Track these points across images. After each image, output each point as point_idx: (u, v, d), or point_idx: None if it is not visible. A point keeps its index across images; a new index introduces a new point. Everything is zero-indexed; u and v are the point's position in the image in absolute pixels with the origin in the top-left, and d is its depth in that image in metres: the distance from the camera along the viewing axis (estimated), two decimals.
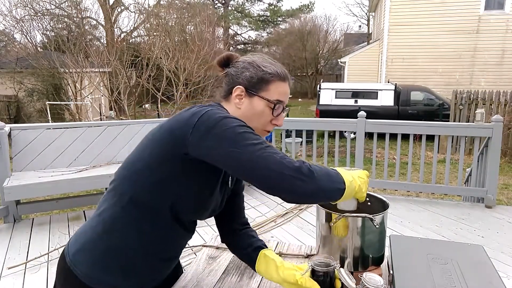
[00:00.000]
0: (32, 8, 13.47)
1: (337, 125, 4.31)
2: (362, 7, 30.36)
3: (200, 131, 0.85)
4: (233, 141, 0.84)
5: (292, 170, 0.82)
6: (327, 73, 25.46)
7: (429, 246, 1.12)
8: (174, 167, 0.90)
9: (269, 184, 0.83)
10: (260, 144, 0.84)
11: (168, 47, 9.91)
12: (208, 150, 0.85)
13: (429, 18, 12.41)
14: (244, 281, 1.18)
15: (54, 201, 3.70)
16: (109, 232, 0.96)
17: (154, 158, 0.91)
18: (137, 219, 0.95)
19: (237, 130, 0.85)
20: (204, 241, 2.98)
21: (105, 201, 1.00)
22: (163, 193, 0.93)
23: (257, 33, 29.36)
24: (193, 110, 0.90)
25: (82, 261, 0.97)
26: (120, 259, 0.96)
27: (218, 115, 0.87)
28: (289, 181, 0.81)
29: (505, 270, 2.54)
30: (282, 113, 1.03)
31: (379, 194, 1.20)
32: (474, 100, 7.80)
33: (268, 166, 0.82)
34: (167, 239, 1.01)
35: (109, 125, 4.04)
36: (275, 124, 1.02)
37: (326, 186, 0.85)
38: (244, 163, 0.83)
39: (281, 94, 1.01)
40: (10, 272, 2.58)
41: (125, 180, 0.97)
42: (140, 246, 0.97)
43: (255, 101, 0.99)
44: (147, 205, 0.94)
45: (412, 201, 4.01)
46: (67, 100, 11.27)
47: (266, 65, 1.01)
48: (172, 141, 0.89)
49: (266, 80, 0.99)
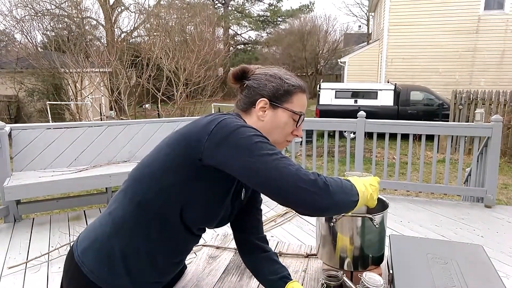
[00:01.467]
0: (32, 8, 13.47)
1: (337, 125, 4.31)
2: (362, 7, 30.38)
3: (216, 138, 0.85)
4: (249, 150, 0.83)
5: (307, 183, 0.80)
6: (327, 73, 25.46)
7: (429, 245, 1.12)
8: (186, 172, 0.90)
9: (284, 196, 0.82)
10: (275, 155, 0.83)
11: (168, 47, 9.91)
12: (223, 158, 0.85)
13: (429, 18, 12.41)
14: (244, 280, 1.18)
15: (55, 200, 3.70)
16: (118, 233, 0.96)
17: (168, 162, 0.91)
18: (145, 222, 0.95)
19: (253, 139, 0.85)
20: (204, 240, 2.98)
21: (116, 200, 1.01)
22: (173, 198, 0.93)
23: (257, 33, 29.38)
24: (210, 117, 0.90)
25: (89, 259, 0.97)
26: (127, 261, 0.96)
27: (235, 123, 0.87)
28: (304, 194, 0.80)
29: (505, 270, 2.54)
30: (301, 123, 1.06)
31: (378, 194, 1.20)
32: (473, 100, 7.80)
33: (283, 177, 0.81)
34: (174, 243, 1.01)
35: (109, 125, 4.05)
36: (296, 134, 1.04)
37: (341, 200, 0.85)
38: (259, 173, 0.82)
39: (303, 106, 1.04)
40: (10, 271, 2.58)
41: (136, 182, 0.97)
42: (147, 249, 0.97)
43: (279, 113, 1.00)
44: (156, 209, 0.94)
45: (412, 201, 4.01)
46: (68, 100, 11.27)
47: (288, 77, 1.02)
48: (187, 147, 0.89)
49: (290, 92, 1.00)
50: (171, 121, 4.36)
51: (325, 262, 1.16)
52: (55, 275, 2.52)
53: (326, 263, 1.15)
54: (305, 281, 1.16)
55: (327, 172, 4.57)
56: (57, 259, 2.74)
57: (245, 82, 1.02)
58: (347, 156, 4.40)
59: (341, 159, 6.42)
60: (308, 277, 1.19)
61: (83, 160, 3.81)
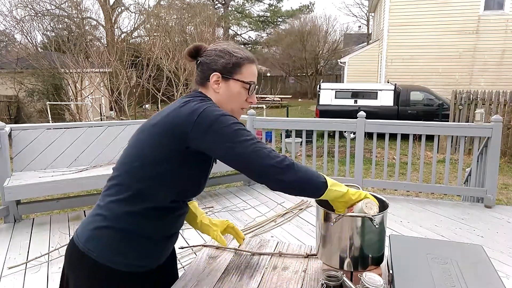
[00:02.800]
0: (33, 8, 13.49)
1: (337, 125, 4.31)
2: (362, 8, 30.37)
3: (201, 127, 0.98)
4: (230, 138, 0.98)
5: (277, 162, 0.97)
6: (327, 73, 25.47)
7: (429, 246, 1.12)
8: (177, 160, 1.02)
9: (258, 174, 0.99)
10: (251, 140, 0.99)
11: (168, 48, 9.90)
12: (209, 145, 0.99)
13: (429, 18, 12.42)
14: (244, 280, 1.18)
15: (55, 201, 3.70)
16: (117, 222, 1.04)
17: (157, 153, 1.01)
18: (143, 210, 1.04)
19: (233, 127, 0.99)
20: (204, 241, 2.99)
21: (107, 195, 1.07)
22: (167, 184, 1.04)
23: (257, 33, 29.40)
24: (190, 107, 1.01)
25: (95, 245, 1.04)
26: (131, 243, 1.05)
27: (216, 113, 1.00)
28: (273, 170, 0.97)
29: (505, 270, 2.54)
30: (254, 91, 1.17)
31: (378, 194, 1.20)
32: (473, 100, 7.80)
33: (258, 159, 0.97)
34: (172, 220, 1.12)
35: (110, 125, 4.05)
36: (250, 102, 1.16)
37: (303, 178, 1.00)
38: (240, 156, 0.98)
39: (253, 75, 1.14)
40: (10, 272, 2.58)
41: (127, 175, 1.05)
42: (148, 231, 1.07)
43: (231, 84, 1.12)
44: (152, 197, 1.04)
45: (412, 201, 4.01)
46: (68, 100, 11.28)
47: (236, 50, 1.13)
48: (173, 138, 1.00)
49: (239, 64, 1.11)
50: None
51: (325, 262, 1.16)
52: (55, 275, 2.52)
53: (326, 263, 1.15)
54: (305, 281, 1.16)
55: (327, 172, 4.57)
56: (57, 259, 2.74)
57: (199, 59, 1.14)
58: (347, 156, 4.40)
59: (341, 159, 6.42)
60: (308, 277, 1.19)
61: (83, 160, 3.81)
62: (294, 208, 3.70)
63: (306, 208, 3.72)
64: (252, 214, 3.61)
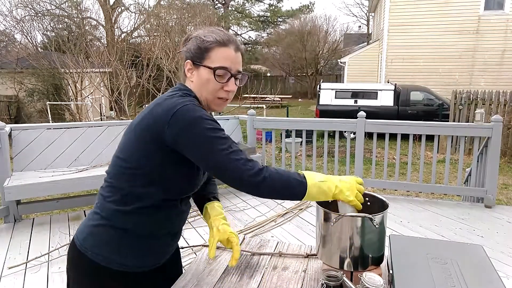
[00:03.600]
0: (33, 8, 13.49)
1: (337, 125, 4.31)
2: (362, 8, 30.37)
3: (174, 129, 0.95)
4: (203, 146, 0.95)
5: (250, 176, 0.95)
6: (327, 73, 25.47)
7: (429, 246, 1.12)
8: (161, 158, 0.99)
9: (231, 185, 0.98)
10: (225, 150, 0.95)
11: (168, 48, 9.90)
12: (182, 148, 0.97)
13: (429, 18, 12.41)
14: (244, 280, 1.18)
15: (55, 201, 3.70)
16: (113, 221, 1.04)
17: (141, 154, 1.00)
18: (136, 209, 1.03)
19: (207, 134, 0.95)
20: (204, 241, 2.99)
21: (102, 195, 1.08)
22: (156, 182, 1.02)
23: (257, 33, 29.40)
24: (166, 106, 0.97)
25: (92, 244, 1.04)
26: (127, 241, 1.04)
27: (189, 115, 0.95)
28: (246, 184, 0.96)
29: (505, 270, 2.54)
30: (233, 78, 1.07)
31: (378, 194, 1.20)
32: (473, 100, 7.80)
33: (230, 171, 0.95)
34: (167, 219, 1.10)
35: (110, 125, 4.05)
36: (227, 90, 1.07)
37: (279, 191, 0.98)
38: (212, 166, 0.96)
39: (224, 60, 1.05)
40: (10, 272, 2.58)
41: (116, 177, 1.05)
42: (143, 230, 1.06)
43: (201, 71, 1.06)
44: (143, 196, 1.03)
45: (412, 201, 4.01)
46: (68, 100, 11.27)
47: (207, 34, 1.06)
48: (151, 138, 0.98)
49: (206, 48, 1.05)
50: None
51: (325, 262, 1.15)
52: (55, 275, 2.52)
53: (326, 263, 1.15)
54: (305, 281, 1.16)
55: (327, 172, 4.57)
56: (57, 259, 2.74)
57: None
58: (347, 156, 4.40)
59: (341, 159, 6.42)
60: (308, 277, 1.19)
61: (83, 160, 3.81)
62: (294, 208, 3.70)
63: (306, 208, 3.72)
64: (252, 214, 3.61)
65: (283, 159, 4.62)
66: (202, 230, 3.21)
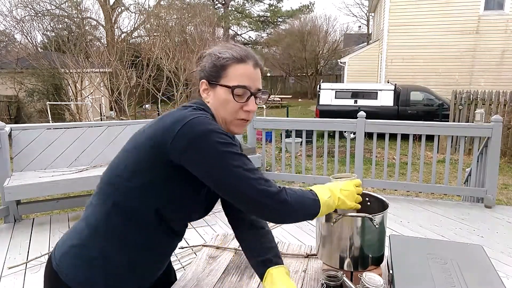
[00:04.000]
0: (33, 8, 13.49)
1: (337, 125, 4.31)
2: (362, 8, 30.37)
3: (181, 141, 0.84)
4: (214, 160, 0.84)
5: (268, 199, 0.85)
6: (327, 73, 25.47)
7: (429, 246, 1.12)
8: (157, 172, 0.89)
9: (247, 209, 0.89)
10: (239, 167, 0.85)
11: (168, 48, 9.91)
12: (189, 163, 0.86)
13: (429, 18, 12.41)
14: (244, 280, 1.18)
15: (55, 201, 3.70)
16: (93, 238, 0.94)
17: (137, 164, 0.90)
18: (120, 225, 0.93)
19: (219, 148, 0.84)
20: (204, 241, 2.99)
21: (90, 205, 0.99)
22: (147, 198, 0.91)
23: (257, 33, 29.40)
24: (176, 116, 0.88)
25: (67, 265, 0.94)
26: (103, 267, 0.94)
27: (201, 127, 0.85)
28: (265, 209, 0.86)
29: (505, 270, 2.54)
30: (253, 97, 0.97)
31: (378, 194, 1.20)
32: (473, 100, 7.80)
33: (246, 192, 0.84)
34: (153, 245, 0.98)
35: (110, 125, 4.05)
36: (247, 110, 0.97)
37: (299, 214, 0.92)
38: (223, 185, 0.85)
39: (243, 77, 0.95)
40: (10, 272, 2.58)
41: (108, 184, 0.96)
42: (124, 254, 0.95)
43: (218, 91, 0.97)
44: (130, 210, 0.93)
45: (412, 201, 4.01)
46: (68, 100, 11.27)
47: (222, 51, 0.97)
48: (153, 148, 0.88)
49: (222, 66, 0.96)
50: None
51: (325, 262, 1.15)
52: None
53: (326, 263, 1.15)
54: (305, 281, 1.16)
55: (327, 172, 4.57)
56: None
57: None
58: (347, 156, 4.40)
59: (341, 159, 6.41)
60: (308, 277, 1.19)
61: (83, 160, 3.81)
62: None
63: None
64: None
65: (283, 159, 4.61)
66: (202, 230, 3.20)
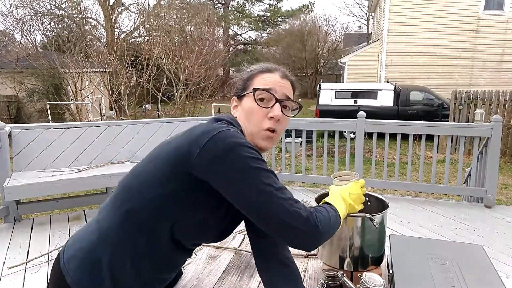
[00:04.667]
0: (32, 8, 13.49)
1: (337, 125, 4.31)
2: (362, 8, 30.35)
3: (208, 154, 0.80)
4: (243, 177, 0.79)
5: (300, 223, 0.80)
6: (327, 73, 25.45)
7: (429, 246, 1.12)
8: (176, 185, 0.85)
9: (273, 232, 0.83)
10: (270, 186, 0.80)
11: (168, 47, 9.91)
12: (215, 177, 0.82)
13: (429, 18, 12.41)
14: (244, 280, 1.18)
15: (54, 201, 3.70)
16: (104, 243, 0.91)
17: (158, 173, 0.87)
18: (132, 233, 0.90)
19: (249, 163, 0.80)
20: None
21: (106, 207, 0.97)
22: (161, 210, 0.88)
23: (257, 33, 29.38)
24: (204, 128, 0.85)
25: (74, 268, 0.91)
26: (111, 273, 0.90)
27: (231, 140, 0.81)
28: (294, 233, 0.81)
29: (505, 270, 2.54)
30: (279, 104, 0.94)
31: (378, 194, 1.20)
32: (473, 100, 7.80)
33: (277, 215, 0.79)
34: (162, 259, 0.94)
35: (109, 125, 4.05)
36: (272, 117, 0.93)
37: (327, 236, 0.89)
38: (250, 204, 0.81)
39: (267, 82, 0.95)
40: (10, 272, 2.58)
41: (124, 191, 0.93)
42: (133, 263, 0.91)
43: (244, 102, 0.97)
44: (144, 221, 0.89)
45: (412, 201, 4.01)
46: (68, 100, 11.27)
47: (252, 67, 1.01)
48: (177, 158, 0.84)
49: (250, 77, 0.98)
50: (171, 121, 4.36)
51: (325, 262, 1.16)
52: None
53: (326, 263, 1.15)
54: (305, 281, 1.16)
55: (327, 172, 4.57)
56: None
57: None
58: (347, 156, 4.40)
59: (341, 159, 6.41)
60: (308, 277, 1.19)
61: (83, 160, 3.81)
62: None
63: None
64: None
65: (283, 159, 4.61)
66: None
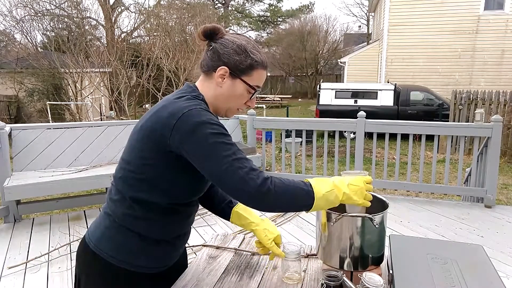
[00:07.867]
0: (32, 8, 13.48)
1: (337, 125, 4.31)
2: (362, 8, 30.35)
3: (179, 134, 0.93)
4: (205, 152, 0.92)
5: (252, 187, 0.90)
6: (327, 73, 25.46)
7: (429, 245, 1.12)
8: (164, 164, 0.98)
9: (232, 195, 0.94)
10: (228, 157, 0.92)
11: (168, 47, 9.91)
12: (186, 153, 0.95)
13: (429, 18, 12.41)
14: (244, 280, 1.18)
15: (55, 201, 3.70)
16: (122, 224, 1.05)
17: (144, 159, 0.99)
18: (142, 213, 1.03)
19: (210, 139, 0.92)
20: (204, 241, 2.99)
21: (111, 200, 1.07)
22: (160, 187, 1.01)
23: (257, 33, 29.38)
24: (171, 109, 0.96)
25: (105, 246, 1.05)
26: (138, 244, 1.05)
27: (195, 120, 0.93)
28: (247, 197, 0.92)
29: (505, 270, 2.54)
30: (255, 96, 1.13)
31: (378, 194, 1.20)
32: (473, 100, 7.80)
33: (231, 180, 0.91)
34: (175, 221, 1.09)
35: (110, 125, 4.05)
36: (249, 105, 1.11)
37: (283, 204, 0.95)
38: (212, 174, 0.93)
39: (260, 80, 1.09)
40: (10, 272, 2.58)
41: (121, 181, 1.04)
42: (153, 234, 1.06)
43: (237, 84, 1.05)
44: (148, 201, 1.02)
45: (412, 201, 4.01)
46: (68, 100, 11.27)
47: (255, 52, 1.05)
48: (155, 142, 0.96)
49: (252, 66, 1.04)
50: None
51: (325, 262, 1.16)
52: (55, 275, 2.52)
53: (326, 263, 1.15)
54: (305, 281, 1.16)
55: (327, 172, 4.57)
56: (57, 259, 2.74)
57: (212, 44, 1.05)
58: (347, 156, 4.40)
59: (341, 159, 6.41)
60: (308, 277, 1.19)
61: (83, 160, 3.81)
62: None
63: None
64: None
65: (283, 159, 4.61)
66: (202, 230, 3.21)
